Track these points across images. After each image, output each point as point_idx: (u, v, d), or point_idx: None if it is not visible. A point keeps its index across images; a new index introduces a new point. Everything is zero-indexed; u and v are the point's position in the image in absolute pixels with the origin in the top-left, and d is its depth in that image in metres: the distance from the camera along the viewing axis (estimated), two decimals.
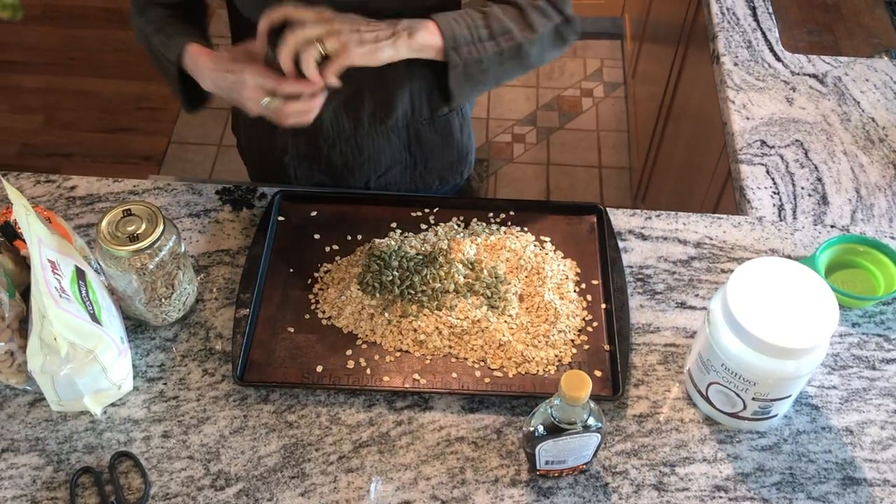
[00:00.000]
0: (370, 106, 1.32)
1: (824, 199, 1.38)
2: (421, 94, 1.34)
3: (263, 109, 1.12)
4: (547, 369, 1.14)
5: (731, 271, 1.23)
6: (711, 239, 1.30)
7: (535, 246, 1.27)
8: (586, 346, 1.17)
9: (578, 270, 1.26)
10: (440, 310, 1.18)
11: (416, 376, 1.14)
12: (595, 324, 1.19)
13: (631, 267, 1.27)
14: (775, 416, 1.09)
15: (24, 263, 1.10)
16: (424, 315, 1.18)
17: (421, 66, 1.20)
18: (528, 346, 1.16)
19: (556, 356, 1.15)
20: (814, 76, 1.59)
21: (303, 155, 1.40)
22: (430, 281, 1.20)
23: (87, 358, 1.02)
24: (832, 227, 1.33)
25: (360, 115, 1.33)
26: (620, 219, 1.33)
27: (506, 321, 1.18)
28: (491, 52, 1.17)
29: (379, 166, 1.41)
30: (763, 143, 1.47)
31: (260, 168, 1.52)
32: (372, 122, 1.35)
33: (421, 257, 1.24)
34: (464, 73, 1.17)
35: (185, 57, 1.19)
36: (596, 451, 1.03)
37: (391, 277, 1.20)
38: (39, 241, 1.01)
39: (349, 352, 1.16)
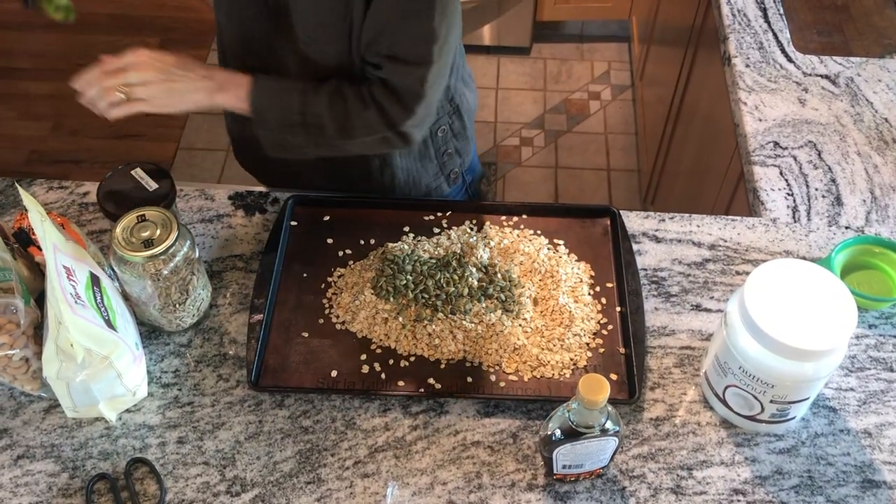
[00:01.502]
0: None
1: (838, 201, 1.37)
2: None
3: None
4: (562, 373, 1.14)
5: (746, 273, 1.23)
6: (726, 241, 1.30)
7: (548, 249, 1.27)
8: (601, 350, 1.17)
9: (593, 273, 1.25)
10: (454, 314, 1.18)
11: (432, 380, 1.13)
12: (610, 327, 1.19)
13: (645, 269, 1.26)
14: (793, 418, 1.08)
15: (38, 270, 1.10)
16: (439, 319, 1.17)
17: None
18: (543, 349, 1.15)
19: (572, 360, 1.15)
20: (826, 77, 1.59)
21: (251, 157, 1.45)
22: (445, 285, 1.20)
23: (103, 364, 1.02)
24: (847, 228, 1.32)
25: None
26: (634, 221, 1.32)
27: (520, 325, 1.18)
28: (300, 140, 1.21)
29: (306, 183, 1.43)
30: (776, 144, 1.46)
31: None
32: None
33: (434, 261, 1.23)
34: (275, 144, 1.22)
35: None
36: (613, 455, 1.02)
37: (405, 282, 1.20)
38: (55, 248, 1.01)
39: (364, 356, 1.16)
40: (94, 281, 1.07)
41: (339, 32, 1.17)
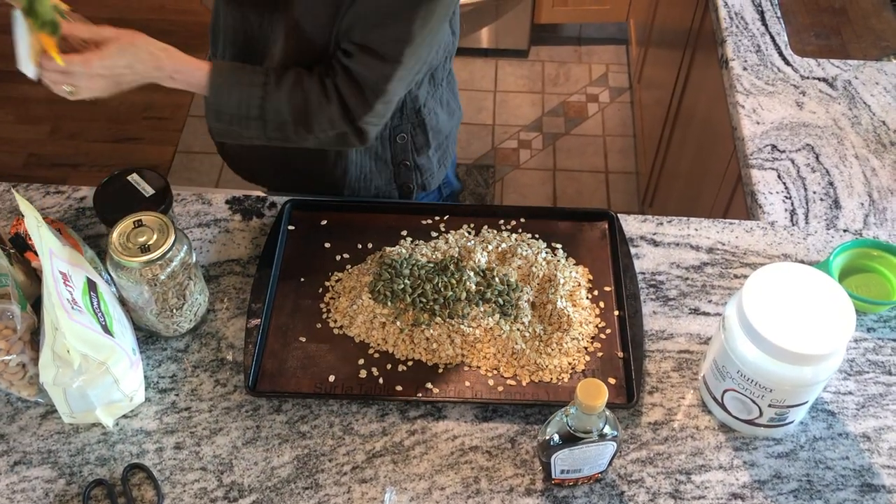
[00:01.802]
0: None
1: (836, 204, 1.37)
2: None
3: None
4: (560, 377, 1.14)
5: (745, 277, 1.23)
6: (724, 244, 1.30)
7: (546, 253, 1.27)
8: (600, 354, 1.16)
9: (591, 277, 1.25)
10: (452, 318, 1.18)
11: (429, 385, 1.13)
12: (608, 331, 1.19)
13: (643, 273, 1.26)
14: (791, 422, 1.08)
15: (34, 275, 1.10)
16: (437, 323, 1.17)
17: None
18: (541, 353, 1.15)
19: (570, 364, 1.15)
20: (823, 80, 1.59)
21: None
22: (442, 289, 1.20)
23: (100, 370, 1.02)
24: (845, 231, 1.32)
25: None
26: (632, 225, 1.32)
27: (518, 329, 1.17)
28: (254, 132, 1.20)
29: (249, 163, 1.45)
30: (774, 147, 1.46)
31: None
32: None
33: (432, 265, 1.23)
34: (221, 132, 1.21)
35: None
36: (611, 460, 1.02)
37: (403, 286, 1.20)
38: (51, 253, 1.01)
39: (361, 361, 1.15)
40: (91, 286, 1.06)
41: (330, 11, 1.16)
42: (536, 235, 1.30)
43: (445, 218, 1.32)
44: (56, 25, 1.08)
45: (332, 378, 1.13)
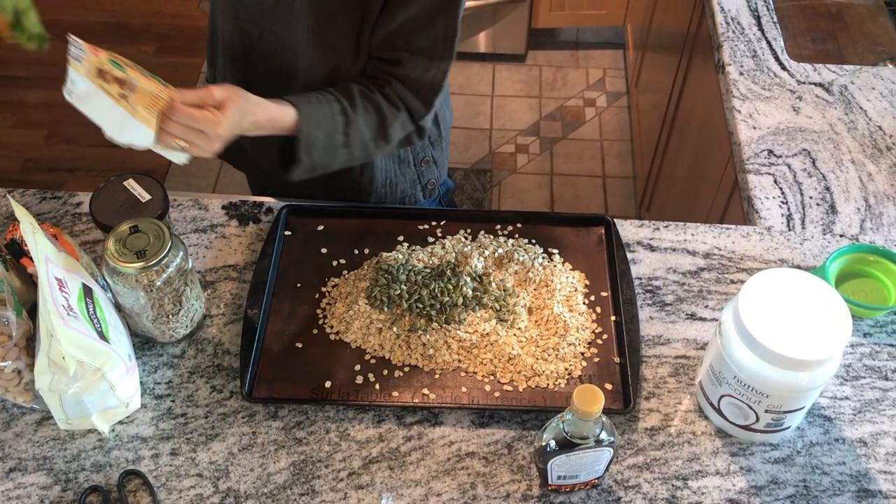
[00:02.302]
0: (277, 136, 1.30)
1: (833, 209, 1.37)
2: None
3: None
4: (557, 383, 1.14)
5: (741, 282, 1.23)
6: (720, 250, 1.30)
7: (543, 258, 1.27)
8: (596, 359, 1.16)
9: (587, 282, 1.25)
10: (449, 323, 1.17)
11: (426, 391, 1.13)
12: (605, 336, 1.19)
13: (640, 278, 1.26)
14: (788, 427, 1.08)
15: (30, 281, 1.09)
16: (433, 329, 1.17)
17: None
18: (537, 359, 1.15)
19: (567, 369, 1.15)
20: (820, 85, 1.59)
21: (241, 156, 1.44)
22: (439, 294, 1.20)
23: (95, 376, 1.02)
24: (841, 236, 1.32)
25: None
26: (628, 230, 1.32)
27: (515, 334, 1.17)
28: (343, 158, 1.22)
29: (276, 180, 1.40)
30: (770, 152, 1.46)
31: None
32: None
33: (429, 270, 1.23)
34: (309, 169, 1.20)
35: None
36: (608, 466, 1.02)
37: (399, 291, 1.19)
38: (47, 259, 1.00)
39: (358, 367, 1.15)
40: (87, 292, 1.06)
41: (350, 24, 1.18)
42: (533, 240, 1.30)
43: (442, 223, 1.32)
44: (44, 38, 1.05)
45: (328, 384, 1.13)
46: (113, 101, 0.98)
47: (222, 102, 1.06)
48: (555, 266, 1.26)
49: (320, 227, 1.32)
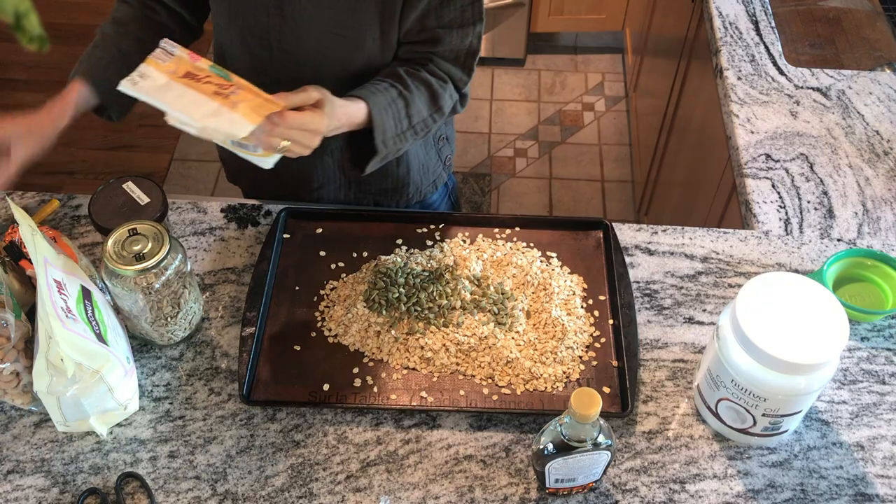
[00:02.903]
0: None
1: (830, 213, 1.37)
2: None
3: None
4: (555, 386, 1.14)
5: (739, 286, 1.23)
6: (718, 253, 1.30)
7: (541, 261, 1.27)
8: (594, 363, 1.17)
9: (585, 286, 1.25)
10: (447, 326, 1.18)
11: (424, 394, 1.13)
12: (603, 340, 1.19)
13: (638, 282, 1.26)
14: (785, 431, 1.08)
15: (29, 283, 1.10)
16: (431, 332, 1.17)
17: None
18: (535, 362, 1.15)
19: (565, 373, 1.15)
20: (817, 89, 1.59)
21: (242, 167, 1.39)
22: (437, 297, 1.20)
23: (94, 378, 1.02)
24: (839, 240, 1.33)
25: None
26: (626, 234, 1.33)
27: (513, 338, 1.17)
28: (409, 141, 1.25)
29: (311, 182, 1.42)
30: (768, 156, 1.47)
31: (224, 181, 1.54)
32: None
33: (427, 274, 1.23)
34: (382, 159, 1.23)
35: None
36: (606, 469, 1.02)
37: (397, 294, 1.20)
38: (45, 262, 1.00)
39: (356, 370, 1.15)
40: (86, 294, 1.06)
41: (372, 18, 1.19)
42: (531, 244, 1.30)
43: (440, 226, 1.32)
44: (44, 39, 1.07)
45: (326, 387, 1.13)
46: (204, 96, 1.04)
47: (319, 101, 1.10)
48: (553, 270, 1.26)
49: (319, 230, 1.32)
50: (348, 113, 1.15)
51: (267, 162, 1.10)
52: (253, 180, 1.52)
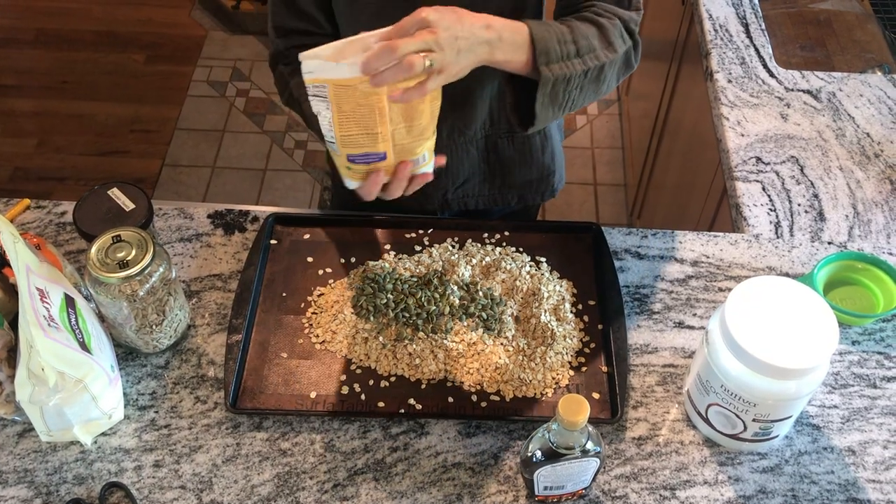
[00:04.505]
0: (450, 117, 1.30)
1: (821, 216, 1.37)
2: (501, 106, 1.33)
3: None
4: (544, 392, 1.13)
5: (729, 290, 1.22)
6: (708, 257, 1.29)
7: (531, 266, 1.26)
8: (584, 368, 1.16)
9: (575, 291, 1.24)
10: (435, 333, 1.17)
11: (412, 401, 1.12)
12: (592, 345, 1.18)
13: (628, 287, 1.25)
14: (776, 436, 1.07)
15: (13, 291, 1.08)
16: (419, 338, 1.16)
17: (503, 77, 1.16)
18: (524, 368, 1.14)
19: (554, 379, 1.14)
20: (808, 92, 1.59)
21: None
22: (425, 303, 1.19)
23: (77, 387, 1.00)
24: (829, 243, 1.32)
25: (439, 126, 1.32)
26: (616, 238, 1.32)
27: (502, 344, 1.17)
28: (578, 71, 1.08)
29: (456, 177, 1.40)
30: (758, 159, 1.46)
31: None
32: (451, 134, 1.34)
33: (415, 279, 1.22)
34: (551, 91, 1.08)
35: None
36: (595, 476, 1.01)
37: (385, 300, 1.19)
38: (28, 270, 0.99)
39: (343, 377, 1.14)
40: (69, 302, 1.05)
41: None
42: (521, 249, 1.29)
43: (429, 232, 1.31)
44: None
45: (313, 394, 1.12)
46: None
47: (424, 15, 0.95)
48: (542, 274, 1.25)
49: (306, 236, 1.31)
50: (504, 22, 1.02)
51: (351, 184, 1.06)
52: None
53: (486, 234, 1.31)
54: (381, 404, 1.11)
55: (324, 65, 0.95)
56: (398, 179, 1.08)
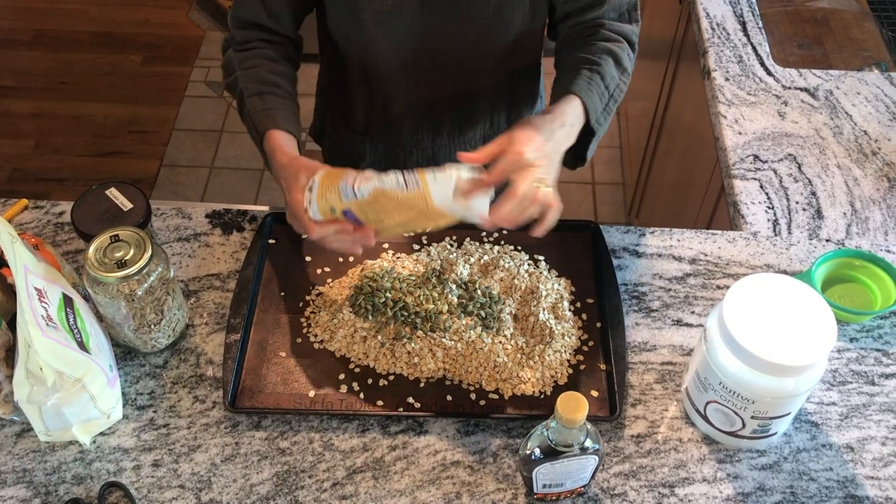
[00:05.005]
0: (451, 117, 1.34)
1: (819, 214, 1.37)
2: (500, 109, 1.36)
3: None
4: (543, 390, 1.13)
5: (727, 287, 1.22)
6: (706, 255, 1.29)
7: (529, 265, 1.26)
8: (582, 366, 1.16)
9: (573, 289, 1.24)
10: (434, 331, 1.17)
11: (411, 400, 1.12)
12: (591, 343, 1.18)
13: (626, 284, 1.26)
14: (775, 434, 1.07)
15: (11, 291, 1.08)
16: (418, 337, 1.16)
17: (504, 80, 1.21)
18: (523, 366, 1.14)
19: (552, 377, 1.14)
20: (805, 90, 1.59)
21: (380, 161, 1.42)
22: (424, 302, 1.19)
23: (75, 387, 1.00)
24: (827, 241, 1.32)
25: (439, 127, 1.34)
26: (614, 236, 1.32)
27: (500, 342, 1.17)
28: (612, 111, 1.22)
29: None
30: (756, 157, 1.46)
31: None
32: (451, 134, 1.37)
33: (414, 278, 1.22)
34: (598, 139, 1.22)
35: (266, 141, 1.15)
36: (594, 474, 1.01)
37: (384, 299, 1.19)
38: (26, 270, 0.99)
39: (342, 376, 1.14)
40: (67, 302, 1.05)
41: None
42: (519, 247, 1.29)
43: (427, 230, 1.31)
44: None
45: (312, 393, 1.12)
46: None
47: (517, 135, 1.04)
48: (541, 273, 1.25)
49: (304, 235, 1.30)
50: (563, 111, 1.12)
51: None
52: None
53: (484, 233, 1.31)
54: (379, 403, 1.11)
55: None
56: (349, 234, 1.06)
